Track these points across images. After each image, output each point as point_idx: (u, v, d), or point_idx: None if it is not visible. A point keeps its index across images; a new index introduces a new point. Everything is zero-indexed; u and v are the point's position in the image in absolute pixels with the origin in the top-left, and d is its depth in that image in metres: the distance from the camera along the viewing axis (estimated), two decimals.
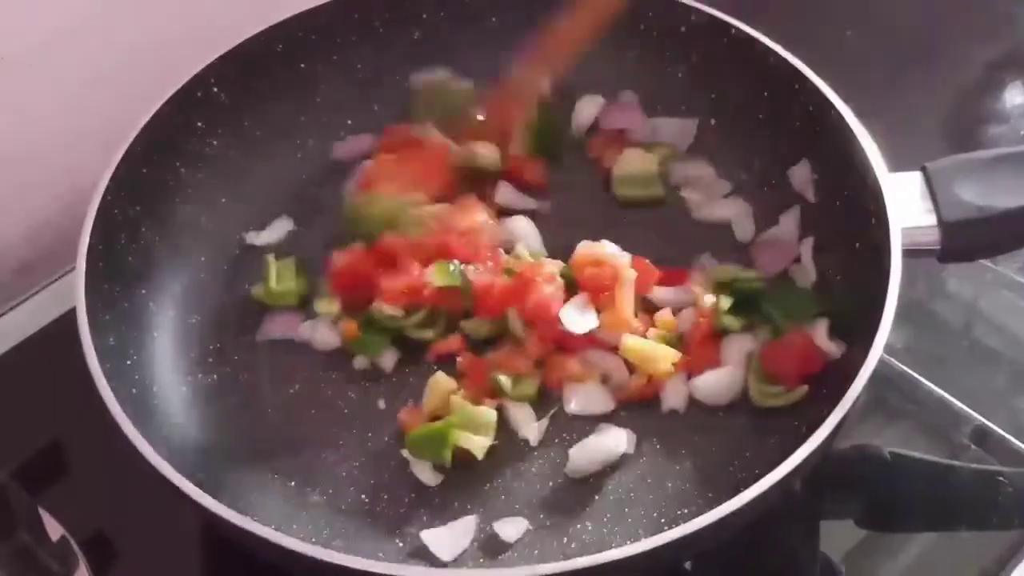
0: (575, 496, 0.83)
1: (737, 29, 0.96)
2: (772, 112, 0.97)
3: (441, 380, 0.86)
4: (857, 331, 0.79)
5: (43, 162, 1.04)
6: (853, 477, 0.89)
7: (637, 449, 0.86)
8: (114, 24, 1.03)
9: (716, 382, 0.86)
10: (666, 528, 0.70)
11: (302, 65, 1.04)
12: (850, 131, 0.87)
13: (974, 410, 0.91)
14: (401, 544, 0.81)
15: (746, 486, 0.70)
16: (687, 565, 0.82)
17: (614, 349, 0.87)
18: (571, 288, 0.89)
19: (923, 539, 0.86)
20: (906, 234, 0.81)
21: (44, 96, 1.02)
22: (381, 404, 0.89)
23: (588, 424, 0.87)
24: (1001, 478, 0.87)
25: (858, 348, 0.77)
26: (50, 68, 1.01)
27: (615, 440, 0.84)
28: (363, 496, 0.84)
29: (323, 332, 0.93)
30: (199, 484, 0.74)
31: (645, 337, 0.87)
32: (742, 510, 0.69)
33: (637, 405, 0.88)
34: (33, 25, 0.98)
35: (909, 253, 0.81)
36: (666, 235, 0.97)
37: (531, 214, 0.98)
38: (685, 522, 0.69)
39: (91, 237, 0.86)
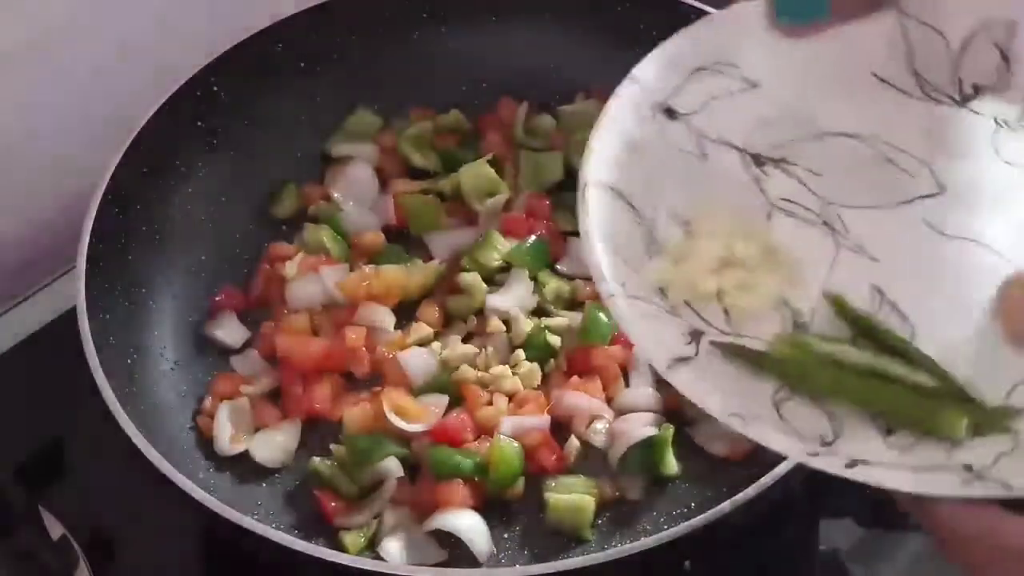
0: None
1: None
2: None
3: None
4: None
5: (43, 161, 1.04)
6: None
7: None
8: (114, 23, 1.03)
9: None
10: (666, 528, 0.70)
11: (302, 65, 1.04)
12: None
13: None
14: None
15: (746, 485, 0.70)
16: (687, 565, 0.82)
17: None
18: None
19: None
20: None
21: (44, 96, 1.02)
22: None
23: None
24: None
25: None
26: (50, 67, 1.01)
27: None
28: None
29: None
30: (199, 483, 0.74)
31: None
32: (741, 509, 0.69)
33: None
34: (32, 24, 0.98)
35: None
36: None
37: None
38: (685, 522, 0.69)
39: (91, 236, 0.86)
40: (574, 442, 0.85)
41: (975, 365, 0.53)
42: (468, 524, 0.80)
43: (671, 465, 0.82)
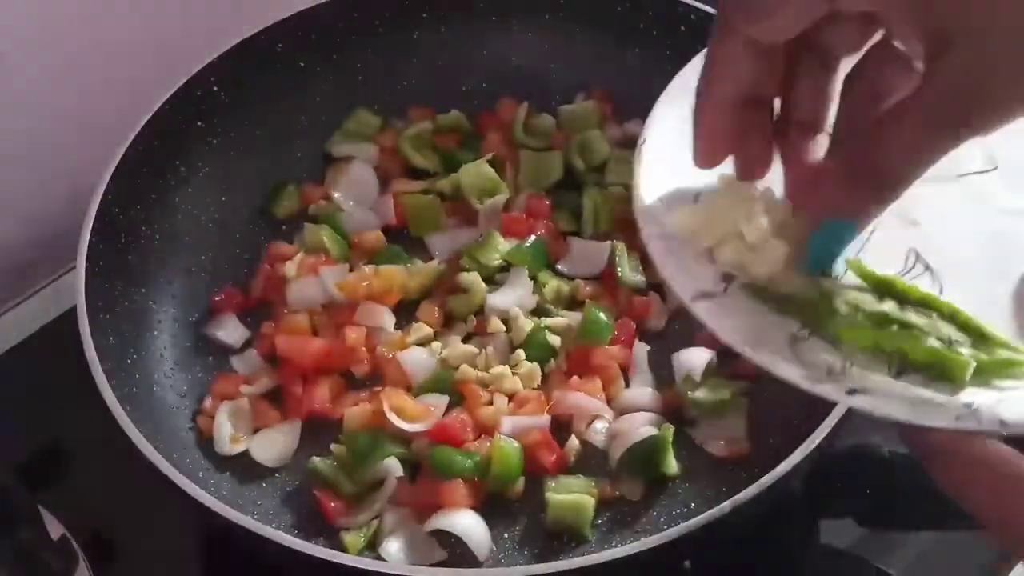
0: None
1: None
2: None
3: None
4: None
5: (43, 162, 1.04)
6: (853, 475, 0.89)
7: None
8: (114, 23, 1.03)
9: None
10: (666, 528, 0.70)
11: (302, 65, 1.04)
12: None
13: None
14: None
15: (746, 485, 0.70)
16: (687, 565, 0.82)
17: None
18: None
19: (923, 537, 0.86)
20: None
21: (43, 96, 1.02)
22: None
23: None
24: None
25: None
26: (50, 67, 1.01)
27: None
28: None
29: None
30: (199, 483, 0.74)
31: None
32: (741, 509, 0.69)
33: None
34: (32, 24, 0.98)
35: None
36: None
37: None
38: (685, 522, 0.69)
39: (91, 236, 0.86)
40: (574, 442, 0.85)
41: (997, 325, 0.54)
42: (468, 524, 0.80)
43: (671, 465, 0.82)
